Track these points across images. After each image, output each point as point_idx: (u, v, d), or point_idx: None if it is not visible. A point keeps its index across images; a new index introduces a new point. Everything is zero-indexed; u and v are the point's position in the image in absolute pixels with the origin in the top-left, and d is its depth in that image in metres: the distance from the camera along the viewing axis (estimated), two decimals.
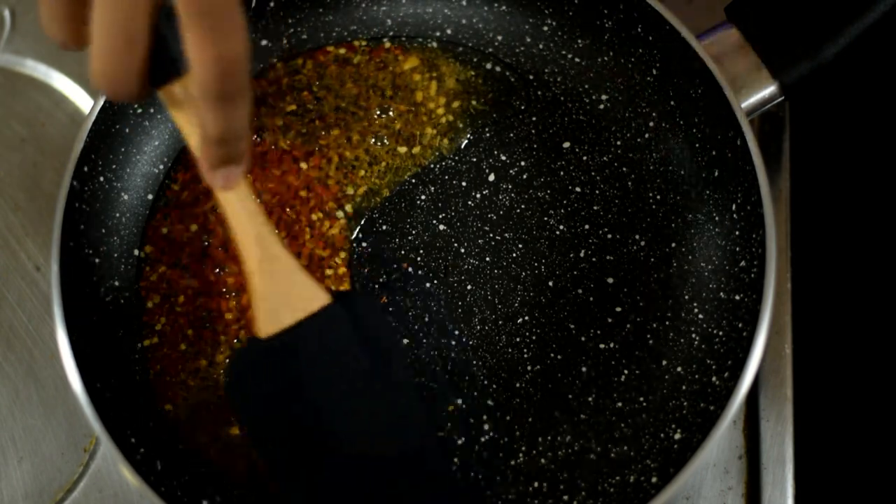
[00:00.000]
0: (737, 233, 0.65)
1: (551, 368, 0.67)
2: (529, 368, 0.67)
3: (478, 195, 0.71)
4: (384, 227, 0.71)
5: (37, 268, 0.75)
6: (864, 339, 0.76)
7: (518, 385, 0.67)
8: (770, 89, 0.65)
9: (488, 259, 0.69)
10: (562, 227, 0.70)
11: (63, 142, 0.77)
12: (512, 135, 0.72)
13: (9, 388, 0.71)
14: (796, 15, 0.64)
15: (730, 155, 0.65)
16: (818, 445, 0.71)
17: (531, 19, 0.74)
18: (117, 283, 0.68)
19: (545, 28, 0.74)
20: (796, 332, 0.69)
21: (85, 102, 0.80)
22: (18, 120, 0.79)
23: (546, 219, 0.70)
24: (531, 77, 0.74)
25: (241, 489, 0.64)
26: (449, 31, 0.75)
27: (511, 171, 0.72)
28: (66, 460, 0.69)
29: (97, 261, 0.67)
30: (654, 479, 0.61)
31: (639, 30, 0.69)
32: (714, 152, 0.67)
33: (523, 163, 0.72)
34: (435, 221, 0.71)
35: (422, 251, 0.70)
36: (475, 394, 0.67)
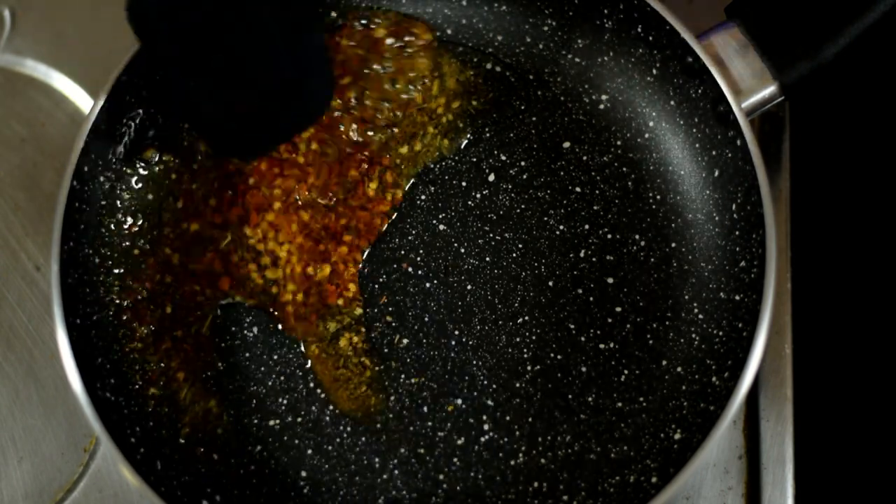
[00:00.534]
0: (737, 233, 0.65)
1: (551, 368, 0.67)
2: (529, 368, 0.67)
3: (478, 195, 0.71)
4: (384, 227, 0.71)
5: (37, 268, 0.75)
6: (864, 339, 0.76)
7: (518, 385, 0.67)
8: (770, 89, 0.65)
9: (488, 259, 0.69)
10: (562, 226, 0.70)
11: (63, 142, 0.77)
12: (512, 135, 0.72)
13: (9, 388, 0.71)
14: (797, 15, 0.64)
15: (730, 155, 0.65)
16: (818, 445, 0.71)
17: (531, 19, 0.74)
18: (118, 283, 0.68)
19: (545, 28, 0.74)
20: (796, 332, 0.69)
21: (85, 102, 0.80)
22: (18, 120, 0.79)
23: (546, 219, 0.70)
24: (531, 77, 0.74)
25: (240, 489, 0.65)
26: (449, 31, 0.75)
27: (511, 171, 0.72)
28: (66, 460, 0.69)
29: (97, 260, 0.67)
30: (654, 479, 0.61)
31: (639, 30, 0.69)
32: (714, 152, 0.67)
33: (523, 163, 0.72)
34: (435, 221, 0.71)
35: (422, 251, 0.70)
36: (475, 394, 0.67)
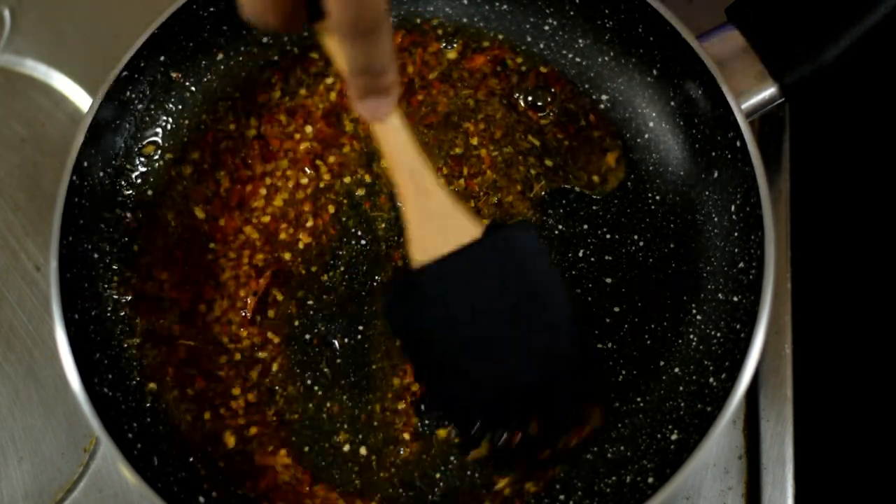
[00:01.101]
0: (736, 234, 0.65)
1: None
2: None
3: None
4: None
5: (37, 268, 0.75)
6: (864, 339, 0.76)
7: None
8: (770, 91, 0.65)
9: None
10: (560, 226, 0.70)
11: (63, 142, 0.77)
12: None
13: (9, 388, 0.72)
14: (797, 17, 0.64)
15: (729, 156, 0.65)
16: (818, 445, 0.71)
17: (532, 18, 0.74)
18: (116, 279, 0.68)
19: (546, 27, 0.73)
20: (796, 332, 0.69)
21: (85, 102, 0.80)
22: (18, 120, 0.79)
23: (545, 218, 0.70)
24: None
25: (237, 486, 0.65)
26: (450, 30, 0.75)
27: None
28: (66, 460, 0.70)
29: (96, 256, 0.68)
30: (650, 480, 0.61)
31: (640, 30, 0.69)
32: (714, 153, 0.67)
33: None
34: None
35: None
36: None
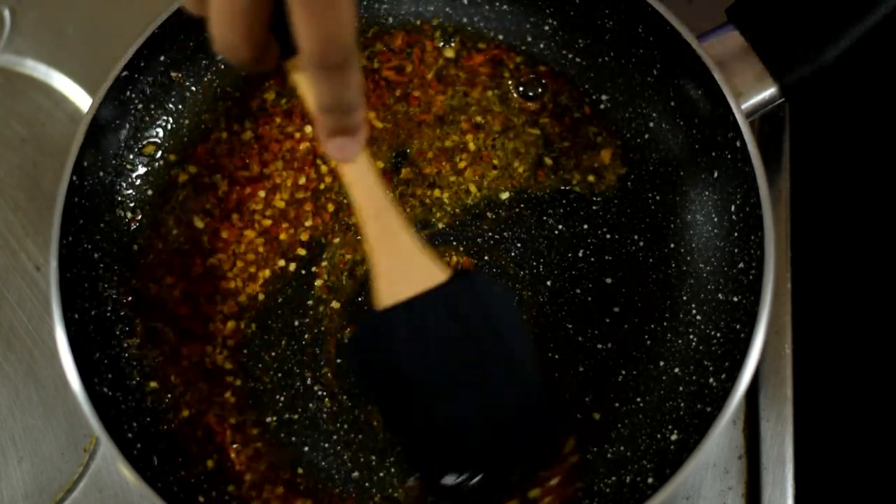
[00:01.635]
0: (735, 234, 0.65)
1: (549, 368, 0.67)
2: None
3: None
4: None
5: (37, 268, 0.75)
6: (864, 339, 0.76)
7: None
8: (770, 91, 0.65)
9: (486, 258, 0.70)
10: (560, 226, 0.70)
11: (63, 142, 0.77)
12: None
13: (9, 388, 0.72)
14: (798, 17, 0.64)
15: (729, 156, 0.65)
16: (818, 445, 0.71)
17: (532, 18, 0.74)
18: (116, 279, 0.68)
19: (546, 27, 0.73)
20: (796, 332, 0.69)
21: (85, 102, 0.80)
22: (18, 120, 0.79)
23: (545, 218, 0.70)
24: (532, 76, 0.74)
25: (237, 486, 0.65)
26: (450, 30, 0.75)
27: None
28: (66, 460, 0.70)
29: (96, 256, 0.68)
30: (650, 480, 0.61)
31: (640, 30, 0.69)
32: (714, 153, 0.67)
33: None
34: (433, 220, 0.71)
35: None
36: None
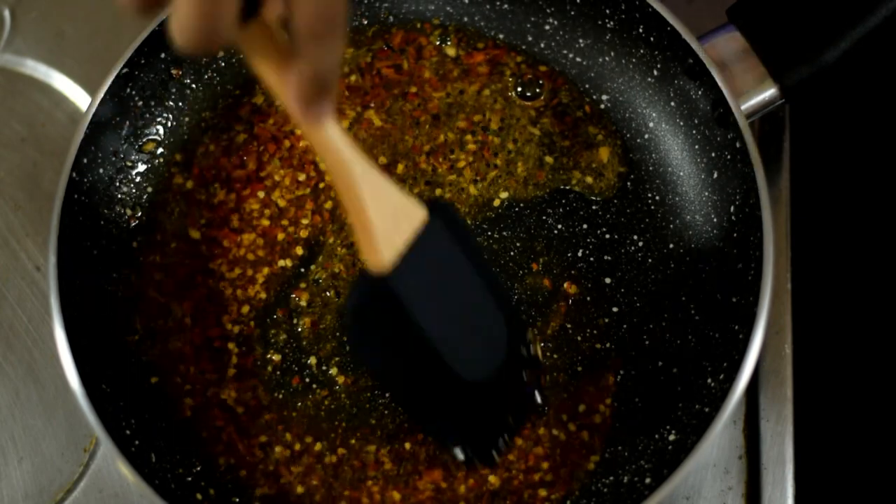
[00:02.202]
0: (735, 235, 0.65)
1: (548, 368, 0.67)
2: None
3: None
4: None
5: (37, 268, 0.75)
6: (864, 339, 0.76)
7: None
8: (770, 92, 0.64)
9: (486, 258, 0.69)
10: (560, 226, 0.70)
11: (63, 142, 0.77)
12: None
13: (9, 388, 0.72)
14: (798, 18, 0.63)
15: (729, 157, 0.65)
16: (818, 445, 0.71)
17: (533, 18, 0.74)
18: (115, 276, 0.69)
19: (547, 27, 0.73)
20: (796, 332, 0.69)
21: (85, 102, 0.80)
22: (18, 120, 0.80)
23: (544, 218, 0.70)
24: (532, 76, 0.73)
25: (234, 482, 0.65)
26: (451, 29, 0.75)
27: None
28: (66, 460, 0.70)
29: (95, 253, 0.68)
30: (647, 480, 0.61)
31: (640, 30, 0.69)
32: (713, 154, 0.67)
33: None
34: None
35: None
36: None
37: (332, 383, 0.68)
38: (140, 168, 0.71)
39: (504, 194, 0.71)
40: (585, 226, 0.70)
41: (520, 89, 0.73)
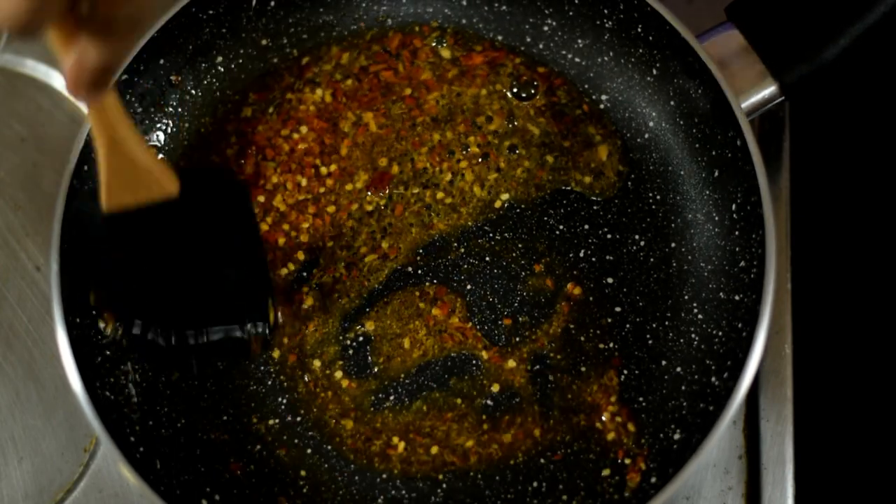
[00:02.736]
0: (736, 233, 0.65)
1: (550, 368, 0.67)
2: (529, 368, 0.67)
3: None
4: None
5: (37, 268, 0.75)
6: (864, 339, 0.76)
7: (517, 385, 0.67)
8: (770, 90, 0.65)
9: (488, 259, 0.69)
10: (561, 226, 0.70)
11: (63, 142, 0.77)
12: None
13: (9, 388, 0.71)
14: (797, 16, 0.64)
15: (730, 155, 0.65)
16: (818, 445, 0.71)
17: (531, 19, 0.74)
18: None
19: (545, 28, 0.73)
20: (796, 332, 0.69)
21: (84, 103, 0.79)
22: (18, 120, 0.79)
23: (546, 218, 0.70)
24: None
25: (239, 488, 0.65)
26: (449, 31, 0.75)
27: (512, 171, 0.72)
28: (66, 460, 0.70)
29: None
30: (653, 480, 0.61)
31: (639, 30, 0.69)
32: (714, 152, 0.67)
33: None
34: (434, 221, 0.71)
35: (421, 251, 0.70)
36: (474, 393, 0.67)
37: (336, 387, 0.67)
38: None
39: (505, 196, 0.71)
40: (587, 226, 0.70)
41: (516, 90, 0.73)
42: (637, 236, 0.69)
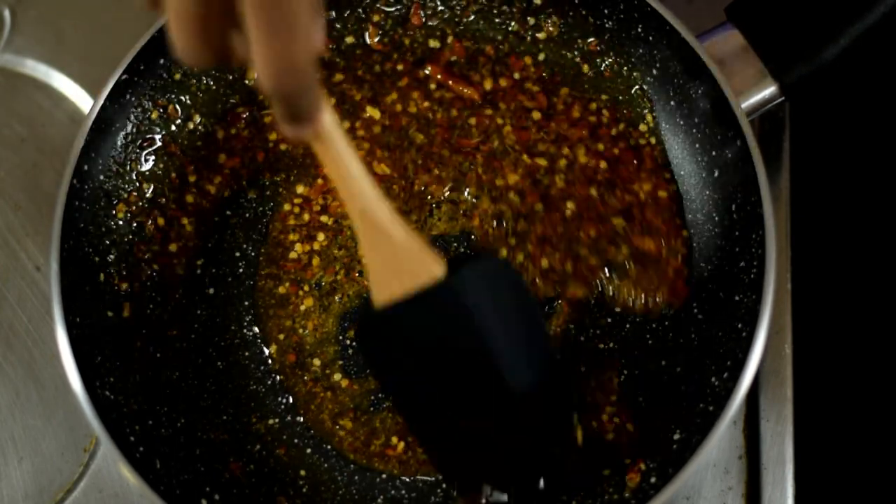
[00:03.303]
0: (736, 233, 0.65)
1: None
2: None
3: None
4: None
5: (37, 268, 0.75)
6: (864, 339, 0.76)
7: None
8: (770, 90, 0.65)
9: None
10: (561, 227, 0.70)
11: (63, 142, 0.77)
12: None
13: (9, 388, 0.72)
14: (797, 16, 0.64)
15: (729, 155, 0.65)
16: (818, 445, 0.71)
17: (531, 20, 0.74)
18: (116, 279, 0.68)
19: (545, 28, 0.74)
20: (796, 332, 0.69)
21: (85, 102, 0.80)
22: (18, 120, 0.79)
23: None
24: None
25: (239, 488, 0.65)
26: (448, 31, 0.75)
27: None
28: (66, 460, 0.70)
29: (97, 259, 0.67)
30: (652, 480, 0.61)
31: (639, 30, 0.69)
32: (714, 152, 0.67)
33: None
34: (437, 221, 0.71)
35: None
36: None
37: (336, 387, 0.67)
38: (141, 173, 0.71)
39: (506, 196, 0.71)
40: None
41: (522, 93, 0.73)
42: None
